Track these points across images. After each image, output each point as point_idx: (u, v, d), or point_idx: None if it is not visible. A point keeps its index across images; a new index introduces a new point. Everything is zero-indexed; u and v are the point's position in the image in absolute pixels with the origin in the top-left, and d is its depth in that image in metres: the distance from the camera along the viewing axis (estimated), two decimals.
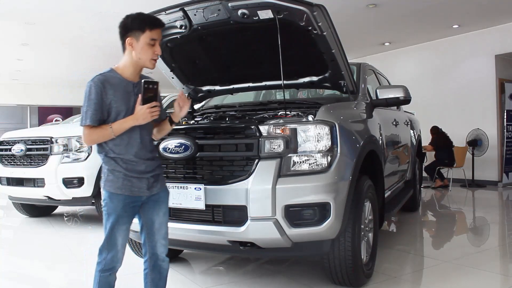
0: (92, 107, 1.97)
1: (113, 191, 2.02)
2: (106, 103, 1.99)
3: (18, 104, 15.08)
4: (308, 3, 2.58)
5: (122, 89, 2.02)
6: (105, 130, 1.98)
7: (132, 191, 2.03)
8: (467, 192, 7.85)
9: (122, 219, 2.04)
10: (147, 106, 1.98)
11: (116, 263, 2.07)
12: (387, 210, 3.65)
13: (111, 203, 2.02)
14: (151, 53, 2.03)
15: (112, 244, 2.04)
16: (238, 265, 3.52)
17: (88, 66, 11.72)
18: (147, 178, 2.07)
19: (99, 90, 1.97)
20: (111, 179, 2.03)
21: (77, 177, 4.73)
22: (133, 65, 2.06)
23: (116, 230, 2.03)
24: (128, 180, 2.02)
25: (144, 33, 2.00)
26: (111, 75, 2.03)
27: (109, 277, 2.07)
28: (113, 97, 1.99)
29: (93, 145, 4.72)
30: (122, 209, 2.03)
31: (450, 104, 9.08)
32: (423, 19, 7.68)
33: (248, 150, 2.46)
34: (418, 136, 5.75)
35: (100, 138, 2.02)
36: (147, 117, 2.00)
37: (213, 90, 3.86)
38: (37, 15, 7.03)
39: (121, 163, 2.02)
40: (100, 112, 1.98)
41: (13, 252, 4.33)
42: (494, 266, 3.54)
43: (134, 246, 3.46)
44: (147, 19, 2.05)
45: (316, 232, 2.43)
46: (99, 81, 1.99)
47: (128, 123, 2.00)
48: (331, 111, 2.68)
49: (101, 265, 2.06)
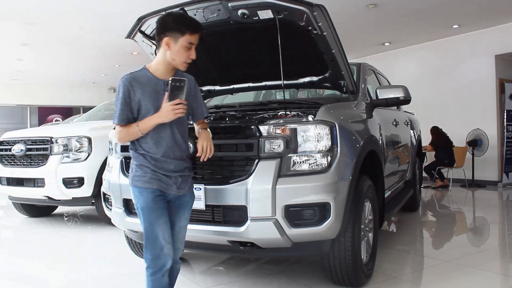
0: (119, 106, 1.99)
1: (141, 186, 2.01)
2: (135, 102, 1.99)
3: (18, 104, 15.09)
4: (308, 3, 2.58)
5: (151, 87, 2.02)
6: (132, 128, 1.99)
7: (160, 186, 2.02)
8: (467, 192, 7.86)
9: (158, 212, 2.00)
10: (171, 103, 1.95)
11: (164, 261, 2.00)
12: (387, 210, 3.65)
13: (141, 197, 2.01)
14: (185, 57, 2.02)
15: (153, 240, 1.99)
16: (238, 265, 3.52)
17: (88, 66, 11.75)
18: (175, 177, 2.06)
19: (127, 89, 1.99)
20: (139, 174, 2.02)
21: (77, 177, 4.72)
22: (165, 64, 2.05)
23: (154, 224, 1.99)
24: (156, 175, 2.01)
25: (183, 36, 1.99)
26: (140, 74, 2.04)
27: (161, 279, 2.01)
28: (141, 95, 1.99)
29: (92, 146, 4.79)
30: (153, 201, 2.00)
31: (450, 104, 9.09)
32: (423, 19, 7.68)
33: (248, 150, 2.46)
34: (418, 136, 5.76)
35: (128, 136, 2.03)
36: (170, 115, 1.96)
37: (213, 90, 3.87)
38: (37, 15, 7.03)
39: (149, 160, 2.02)
40: (128, 111, 2.00)
41: (13, 252, 4.32)
42: (494, 266, 3.54)
43: (134, 246, 3.46)
44: (190, 23, 2.03)
45: (316, 232, 2.43)
46: (127, 80, 2.00)
47: (153, 120, 1.98)
48: (331, 111, 2.68)
49: (150, 268, 2.00)
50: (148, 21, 2.92)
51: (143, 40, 3.13)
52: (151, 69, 2.06)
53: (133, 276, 3.31)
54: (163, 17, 2.05)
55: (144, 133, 2.00)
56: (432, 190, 8.15)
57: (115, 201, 2.85)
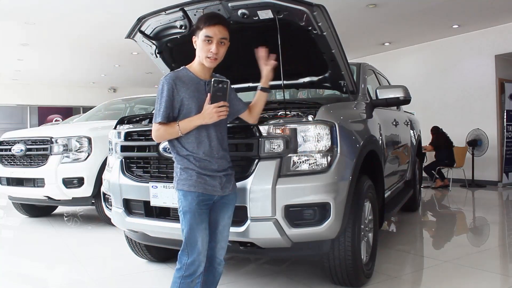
0: (163, 104, 1.99)
1: (187, 189, 2.00)
2: (178, 101, 2.00)
3: (18, 104, 15.09)
4: (308, 3, 2.58)
5: (194, 86, 2.04)
6: (173, 128, 2.00)
7: (206, 189, 2.01)
8: (467, 192, 7.85)
9: (200, 217, 2.01)
10: (214, 106, 1.97)
11: (197, 267, 2.02)
12: (387, 210, 3.65)
13: (186, 200, 2.01)
14: (206, 51, 2.03)
15: (192, 245, 2.00)
16: (238, 265, 3.52)
17: (88, 66, 11.76)
18: (220, 176, 2.06)
19: (171, 87, 1.99)
20: (184, 177, 2.01)
21: (77, 177, 4.72)
22: (199, 63, 2.09)
23: (195, 229, 2.00)
24: (202, 178, 2.01)
25: (201, 30, 2.03)
26: (183, 73, 2.07)
27: (190, 284, 2.02)
28: (185, 94, 2.01)
29: (92, 146, 4.79)
30: (197, 206, 2.00)
31: (450, 104, 9.09)
32: (423, 19, 7.68)
33: (248, 150, 2.46)
34: (418, 136, 5.76)
35: (167, 135, 2.03)
36: (213, 117, 1.98)
37: None
38: (37, 15, 7.03)
39: (193, 161, 2.01)
40: (171, 110, 2.00)
41: (13, 252, 4.32)
42: (494, 266, 3.54)
43: (134, 246, 3.46)
44: (204, 16, 2.10)
45: (316, 232, 2.43)
46: (171, 78, 2.01)
47: (194, 121, 1.99)
48: (331, 111, 2.67)
49: (181, 271, 2.00)
50: (148, 21, 2.92)
51: (143, 40, 3.13)
52: (192, 69, 2.10)
53: (133, 276, 3.31)
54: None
55: (184, 133, 2.00)
56: (432, 190, 8.15)
57: (115, 201, 2.85)
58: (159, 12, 2.80)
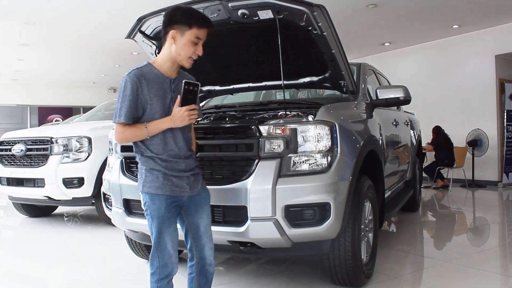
0: (126, 103, 1.87)
1: (153, 192, 1.93)
2: (142, 100, 1.90)
3: (18, 104, 15.09)
4: (308, 3, 2.58)
5: (159, 85, 1.93)
6: (140, 130, 1.90)
7: (173, 191, 1.95)
8: (467, 192, 7.85)
9: (168, 220, 1.96)
10: (186, 109, 1.88)
11: (171, 269, 1.99)
12: (387, 210, 3.65)
13: (153, 205, 1.94)
14: (191, 52, 1.93)
15: (162, 248, 1.96)
16: (238, 265, 3.52)
17: (88, 66, 11.76)
18: (187, 176, 2.00)
19: (135, 86, 1.88)
20: (150, 179, 1.94)
21: (77, 177, 4.72)
22: (171, 60, 1.96)
23: (164, 233, 1.95)
24: (168, 179, 1.94)
25: (191, 29, 1.90)
26: (147, 70, 1.94)
27: (167, 285, 2.00)
28: (149, 93, 1.90)
29: (92, 146, 4.79)
30: (166, 210, 1.94)
31: (450, 104, 9.08)
32: (423, 19, 7.68)
33: (248, 150, 2.46)
34: (418, 136, 5.76)
35: (133, 137, 1.93)
36: (184, 120, 1.90)
37: (213, 90, 3.87)
38: (37, 15, 7.03)
39: (159, 162, 1.94)
40: (135, 109, 1.89)
41: (13, 252, 4.32)
42: (494, 266, 3.54)
43: (134, 246, 3.46)
44: (198, 16, 1.95)
45: (316, 232, 2.43)
46: (135, 76, 1.89)
47: (164, 124, 1.91)
48: (331, 111, 2.68)
49: (155, 275, 1.97)
50: (148, 21, 2.92)
51: (143, 40, 3.13)
52: (156, 65, 1.97)
53: (133, 276, 3.31)
54: (171, 10, 1.94)
55: (151, 135, 1.91)
56: (433, 190, 8.15)
57: (115, 201, 2.85)
58: (159, 12, 2.80)
